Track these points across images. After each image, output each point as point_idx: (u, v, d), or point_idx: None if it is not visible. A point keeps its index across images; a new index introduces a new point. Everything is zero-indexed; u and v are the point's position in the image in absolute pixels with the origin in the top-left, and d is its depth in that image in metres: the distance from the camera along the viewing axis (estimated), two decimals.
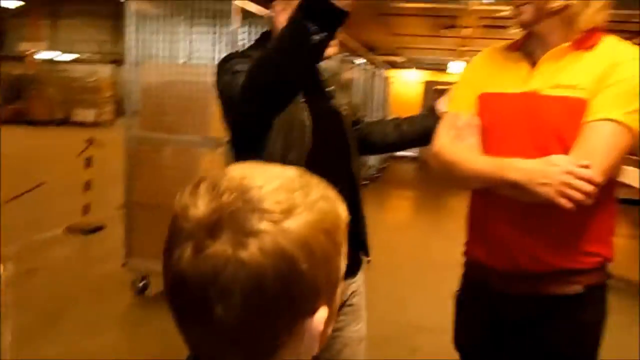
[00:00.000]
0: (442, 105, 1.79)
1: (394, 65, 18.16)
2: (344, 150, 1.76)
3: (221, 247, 0.57)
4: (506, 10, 1.57)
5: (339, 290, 0.66)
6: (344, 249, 0.66)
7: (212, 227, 0.58)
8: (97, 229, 5.71)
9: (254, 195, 0.59)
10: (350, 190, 1.69)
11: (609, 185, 1.43)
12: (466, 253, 1.64)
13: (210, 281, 0.57)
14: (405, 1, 9.91)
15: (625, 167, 6.09)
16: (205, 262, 0.58)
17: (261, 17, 4.62)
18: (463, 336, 1.68)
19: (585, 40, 1.43)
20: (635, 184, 6.10)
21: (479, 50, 1.70)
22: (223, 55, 4.23)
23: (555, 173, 1.29)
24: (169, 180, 3.98)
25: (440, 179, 1.60)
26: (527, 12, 1.42)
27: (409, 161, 14.73)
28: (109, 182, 7.21)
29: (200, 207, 0.59)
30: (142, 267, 4.11)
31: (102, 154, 6.57)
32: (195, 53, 4.34)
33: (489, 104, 1.53)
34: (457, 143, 1.51)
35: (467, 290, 1.66)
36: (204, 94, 4.03)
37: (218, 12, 4.11)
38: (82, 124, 17.17)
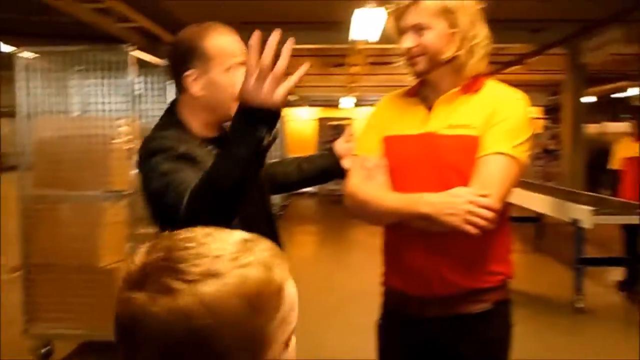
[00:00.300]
0: (339, 145, 1.88)
1: (286, 103, 18.44)
2: (261, 193, 1.80)
3: (141, 298, 0.63)
4: (391, 48, 1.72)
5: (274, 351, 0.68)
6: (280, 313, 0.68)
7: (139, 280, 0.65)
8: None
9: (179, 256, 0.65)
10: (271, 231, 1.73)
11: (504, 210, 1.61)
12: (384, 283, 1.76)
13: (131, 329, 0.64)
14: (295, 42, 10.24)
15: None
16: (129, 308, 0.64)
17: (156, 66, 4.62)
18: None
19: (471, 85, 1.63)
20: (522, 204, 6.62)
21: (367, 86, 1.88)
22: (119, 105, 4.19)
23: (459, 204, 1.46)
24: (70, 238, 3.82)
25: (354, 216, 1.71)
26: (422, 62, 1.60)
27: (309, 197, 14.96)
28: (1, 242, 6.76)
29: (136, 262, 0.67)
30: (45, 333, 3.88)
31: None
32: (90, 105, 4.24)
33: (392, 145, 1.68)
34: (368, 183, 1.64)
35: (387, 317, 1.77)
36: (102, 147, 3.94)
37: (113, 63, 4.06)
38: None
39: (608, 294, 5.72)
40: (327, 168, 1.87)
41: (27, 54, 4.00)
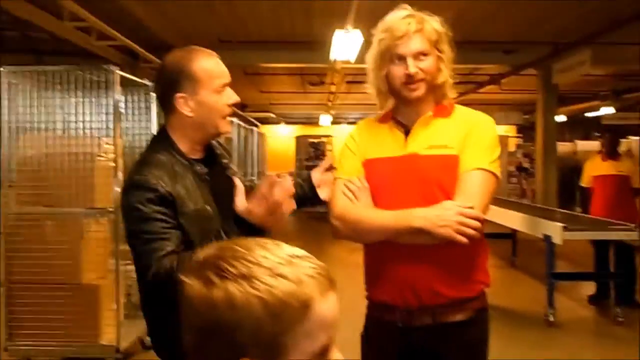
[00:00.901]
0: (316, 174, 1.94)
1: (265, 121, 18.59)
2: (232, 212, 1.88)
3: (190, 283, 0.77)
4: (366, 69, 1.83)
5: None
6: (304, 327, 0.75)
7: (194, 269, 0.79)
8: None
9: (229, 256, 0.77)
10: None
11: (481, 227, 1.73)
12: (369, 297, 1.86)
13: (182, 305, 0.79)
14: (273, 62, 10.37)
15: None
16: (183, 290, 0.78)
17: (138, 84, 4.70)
18: None
19: (443, 110, 1.79)
20: (497, 221, 6.79)
21: (344, 104, 2.00)
22: (102, 123, 4.24)
23: (450, 216, 1.60)
24: (52, 255, 3.85)
25: (343, 237, 1.80)
26: (422, 87, 1.72)
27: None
28: None
29: (200, 255, 0.81)
30: (26, 349, 3.89)
31: None
32: (73, 123, 4.29)
33: (375, 167, 1.79)
34: (355, 204, 1.75)
35: (372, 328, 1.87)
36: (85, 164, 4.00)
37: (95, 82, 4.12)
38: None
39: (579, 307, 5.89)
40: (303, 196, 1.92)
41: (10, 72, 4.05)
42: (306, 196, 1.93)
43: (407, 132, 1.77)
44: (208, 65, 1.70)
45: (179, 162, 1.69)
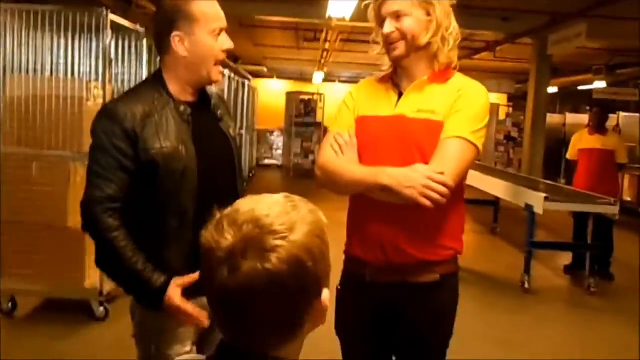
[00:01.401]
0: None
1: (257, 75, 18.41)
2: (231, 170, 1.91)
3: (252, 263, 0.79)
4: (365, 27, 1.86)
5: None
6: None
7: (242, 251, 0.80)
8: None
9: (265, 222, 0.82)
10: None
11: (459, 191, 1.78)
12: (346, 251, 1.92)
13: (247, 288, 0.79)
14: (269, 14, 10.21)
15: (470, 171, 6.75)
16: (242, 276, 0.79)
17: (129, 30, 4.63)
18: (343, 323, 1.93)
19: (440, 75, 1.79)
20: (481, 187, 6.88)
21: (338, 63, 2.01)
22: (94, 67, 4.21)
23: (417, 178, 1.63)
24: (39, 197, 3.87)
25: (322, 186, 1.85)
26: (400, 47, 1.75)
27: (276, 169, 15.07)
28: None
29: (229, 238, 0.81)
30: (10, 288, 3.94)
31: None
32: (62, 66, 4.24)
33: (365, 125, 1.83)
34: (339, 156, 1.80)
35: (346, 282, 1.92)
36: (74, 108, 3.98)
37: (86, 25, 4.06)
38: None
39: (555, 277, 6.04)
40: None
41: (0, 10, 3.98)
42: None
43: (400, 95, 1.80)
44: (206, 7, 1.72)
45: (162, 98, 1.73)
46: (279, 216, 0.83)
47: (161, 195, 1.69)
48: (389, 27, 1.73)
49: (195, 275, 1.58)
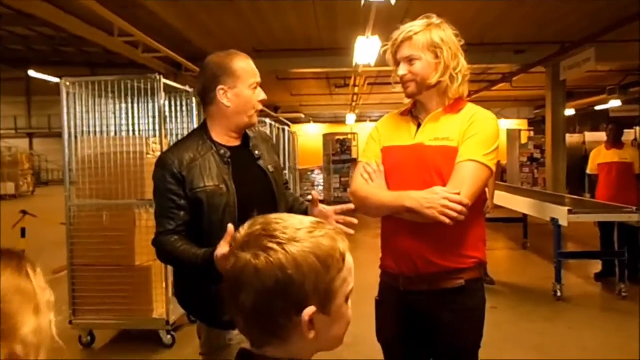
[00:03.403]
0: (311, 209, 2.01)
1: (296, 121, 18.73)
2: (271, 202, 1.98)
3: (247, 257, 0.84)
4: (387, 71, 1.97)
5: (338, 303, 0.88)
6: (342, 274, 0.88)
7: (245, 244, 0.86)
8: None
9: (273, 227, 0.86)
10: None
11: (477, 207, 1.84)
12: (381, 266, 1.98)
13: (238, 276, 0.84)
14: (302, 67, 10.48)
15: (497, 191, 6.67)
16: (237, 266, 0.85)
17: (180, 90, 4.85)
18: (383, 329, 1.98)
19: (454, 106, 1.87)
20: (509, 206, 6.80)
21: (368, 104, 2.10)
22: (152, 125, 4.40)
23: (436, 199, 1.71)
24: (109, 240, 4.03)
25: (358, 210, 1.92)
26: (412, 86, 1.86)
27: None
28: (43, 249, 6.99)
29: (243, 230, 0.89)
30: (88, 323, 4.09)
31: (32, 223, 6.38)
32: (124, 126, 4.46)
33: (389, 154, 1.93)
34: (369, 183, 1.89)
35: (383, 292, 1.98)
36: (135, 162, 4.16)
37: (143, 89, 4.28)
38: (3, 197, 16.23)
39: (586, 284, 5.85)
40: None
41: (69, 83, 4.24)
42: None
43: (419, 125, 1.89)
44: (245, 65, 1.89)
45: (205, 144, 1.88)
46: (287, 227, 0.86)
47: (206, 226, 1.81)
48: (402, 70, 1.84)
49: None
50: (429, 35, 1.80)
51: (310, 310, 0.84)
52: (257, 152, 1.99)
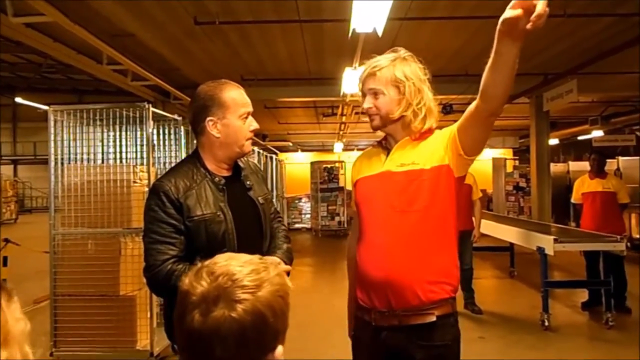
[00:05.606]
0: None
1: (284, 149, 18.79)
2: (259, 232, 1.98)
3: (221, 311, 0.84)
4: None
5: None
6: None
7: (214, 298, 0.85)
8: None
9: (237, 277, 0.87)
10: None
11: (447, 234, 1.83)
12: (357, 299, 1.96)
13: (214, 332, 0.83)
14: (289, 96, 10.55)
15: (484, 220, 6.69)
16: (211, 320, 0.84)
17: (168, 119, 4.86)
18: None
19: (421, 135, 1.89)
20: (496, 235, 6.82)
21: (355, 133, 2.13)
22: (139, 153, 4.38)
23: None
24: (94, 270, 3.97)
25: None
26: (376, 119, 1.89)
27: (305, 232, 15.09)
28: (25, 278, 6.86)
29: (204, 285, 0.86)
30: (69, 355, 3.99)
31: (14, 251, 6.25)
32: (112, 154, 4.45)
33: (361, 185, 1.96)
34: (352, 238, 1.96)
35: (357, 327, 1.97)
36: (122, 190, 4.14)
37: (131, 117, 4.28)
38: None
39: (573, 313, 5.85)
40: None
41: (56, 110, 4.23)
42: None
43: (388, 154, 1.91)
44: (235, 95, 1.87)
45: (199, 172, 1.87)
46: (250, 274, 0.88)
47: (203, 255, 1.77)
48: (367, 103, 1.88)
49: None
50: (393, 71, 1.83)
51: (280, 350, 0.88)
52: (248, 183, 1.99)
